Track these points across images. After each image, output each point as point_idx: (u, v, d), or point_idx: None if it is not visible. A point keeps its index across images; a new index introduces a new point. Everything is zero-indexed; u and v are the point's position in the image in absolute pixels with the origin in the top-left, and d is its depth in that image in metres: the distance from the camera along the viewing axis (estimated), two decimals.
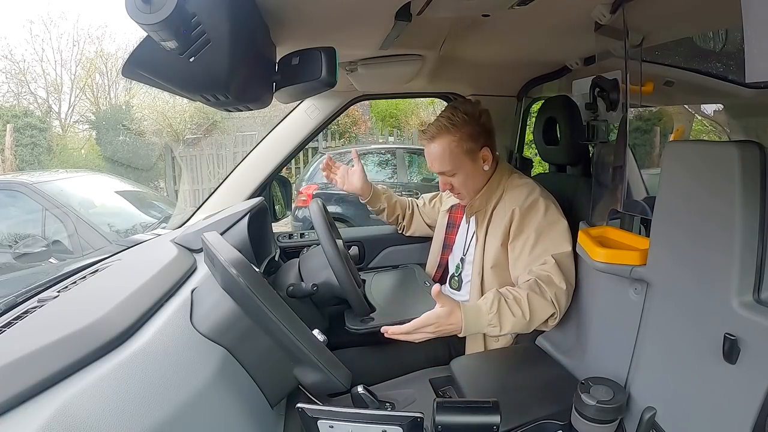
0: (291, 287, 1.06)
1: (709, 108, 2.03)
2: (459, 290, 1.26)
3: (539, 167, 2.87)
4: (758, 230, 0.64)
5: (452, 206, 1.35)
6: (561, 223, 1.09)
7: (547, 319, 1.01)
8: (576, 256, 1.07)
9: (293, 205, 4.43)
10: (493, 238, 1.15)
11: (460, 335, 0.96)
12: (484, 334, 1.12)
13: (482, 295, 1.15)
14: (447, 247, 1.33)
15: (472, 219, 1.24)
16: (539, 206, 1.10)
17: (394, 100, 8.33)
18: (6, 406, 0.49)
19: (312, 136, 1.54)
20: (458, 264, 1.26)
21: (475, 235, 1.21)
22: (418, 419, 0.63)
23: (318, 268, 1.09)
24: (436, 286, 0.92)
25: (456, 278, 1.27)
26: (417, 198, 1.58)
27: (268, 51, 0.83)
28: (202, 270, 0.96)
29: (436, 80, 1.56)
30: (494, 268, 1.14)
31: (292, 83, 0.81)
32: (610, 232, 0.99)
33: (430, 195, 1.55)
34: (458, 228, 1.31)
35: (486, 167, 1.17)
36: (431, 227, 1.47)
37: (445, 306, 0.92)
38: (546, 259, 1.05)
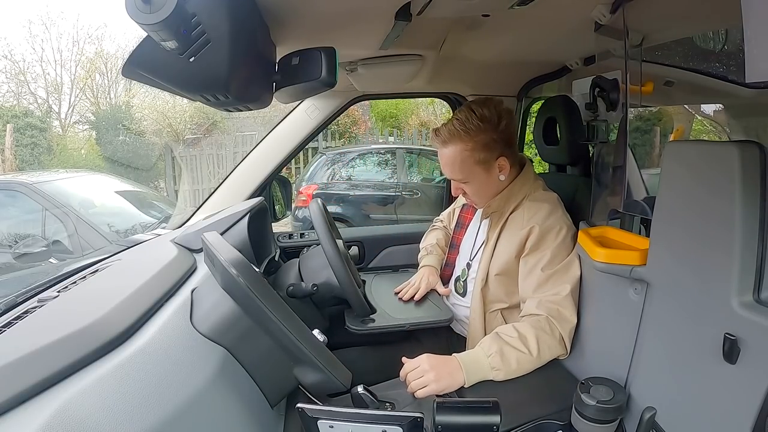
0: (291, 287, 1.06)
1: (709, 108, 2.03)
2: (464, 296, 1.22)
3: (539, 167, 2.87)
4: (758, 230, 0.64)
5: (464, 205, 1.32)
6: (574, 250, 1.06)
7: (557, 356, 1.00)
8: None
9: (293, 205, 4.43)
10: (505, 244, 1.10)
11: (466, 386, 0.93)
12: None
13: (483, 303, 1.13)
14: (454, 246, 1.31)
15: (484, 223, 1.20)
16: (560, 231, 1.05)
17: (394, 100, 8.33)
18: (6, 406, 0.49)
19: (312, 136, 1.55)
20: (464, 268, 1.23)
21: (485, 238, 1.17)
22: (418, 419, 0.63)
23: (318, 268, 1.09)
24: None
25: (461, 283, 1.23)
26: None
27: (268, 51, 0.83)
28: (202, 270, 0.96)
29: (436, 80, 1.56)
30: (499, 276, 1.11)
31: (292, 83, 0.81)
32: (610, 232, 0.99)
33: (447, 212, 1.49)
34: (466, 229, 1.28)
35: (502, 177, 1.10)
36: None
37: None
38: (559, 290, 1.01)
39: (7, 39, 12.72)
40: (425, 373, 0.92)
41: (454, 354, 0.96)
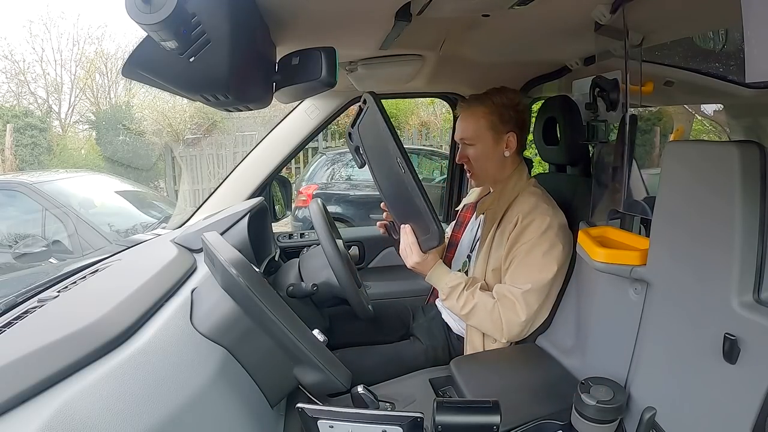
0: (291, 287, 1.06)
1: (709, 108, 2.03)
2: None
3: (539, 167, 2.87)
4: (758, 230, 0.64)
5: (464, 205, 1.35)
6: (556, 246, 1.07)
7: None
8: (575, 257, 1.07)
9: (293, 205, 4.43)
10: (499, 241, 1.14)
11: (425, 275, 1.10)
12: (484, 335, 1.13)
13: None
14: (452, 245, 1.32)
15: (481, 220, 1.22)
16: (541, 223, 1.08)
17: (394, 100, 8.32)
18: (6, 406, 0.49)
19: (312, 136, 1.55)
20: (465, 261, 1.26)
21: (480, 236, 1.20)
22: (418, 419, 0.63)
23: (318, 268, 1.09)
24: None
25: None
26: None
27: (268, 51, 0.83)
28: (202, 270, 0.96)
29: (436, 80, 1.56)
30: (495, 271, 1.14)
31: (292, 83, 0.81)
32: (610, 232, 0.99)
33: None
34: (466, 227, 1.31)
35: (507, 153, 1.17)
36: None
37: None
38: (521, 285, 1.05)
39: (7, 39, 12.66)
40: (414, 252, 1.04)
41: (439, 263, 1.11)
